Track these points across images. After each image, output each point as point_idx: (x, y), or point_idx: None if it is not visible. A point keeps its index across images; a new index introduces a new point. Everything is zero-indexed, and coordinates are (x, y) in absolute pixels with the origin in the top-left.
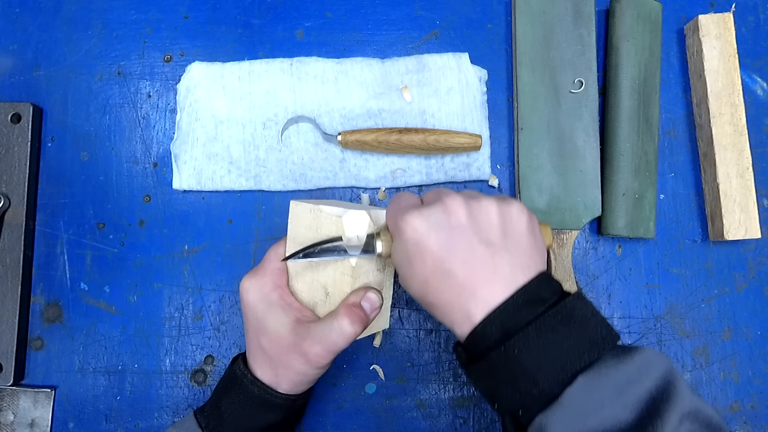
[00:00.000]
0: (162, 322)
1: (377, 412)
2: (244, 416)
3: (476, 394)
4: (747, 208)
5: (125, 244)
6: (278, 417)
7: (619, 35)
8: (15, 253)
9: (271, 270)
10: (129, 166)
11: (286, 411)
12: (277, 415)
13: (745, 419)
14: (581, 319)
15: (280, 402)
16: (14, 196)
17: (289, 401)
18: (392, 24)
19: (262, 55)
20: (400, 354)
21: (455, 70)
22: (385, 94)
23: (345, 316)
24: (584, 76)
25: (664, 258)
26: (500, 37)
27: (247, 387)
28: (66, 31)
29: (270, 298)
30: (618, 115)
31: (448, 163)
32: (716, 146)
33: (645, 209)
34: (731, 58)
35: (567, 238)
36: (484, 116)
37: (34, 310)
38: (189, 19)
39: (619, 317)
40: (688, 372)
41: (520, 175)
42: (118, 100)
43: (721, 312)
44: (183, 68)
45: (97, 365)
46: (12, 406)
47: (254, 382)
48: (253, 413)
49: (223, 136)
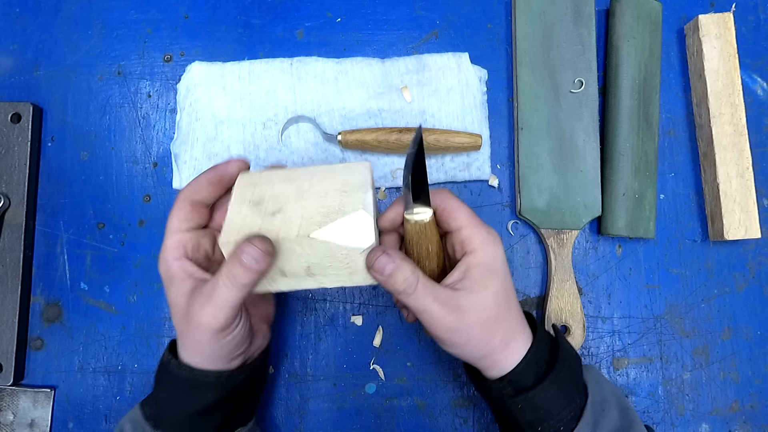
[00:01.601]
0: (162, 322)
1: (377, 412)
2: (178, 401)
3: (476, 394)
4: (747, 208)
5: (125, 244)
6: (214, 396)
7: (619, 35)
8: (15, 253)
9: (169, 245)
10: (129, 166)
11: (221, 389)
12: (212, 395)
13: (745, 419)
14: (565, 340)
15: (210, 381)
16: (14, 196)
17: (221, 378)
18: (392, 24)
19: (262, 55)
20: (400, 354)
21: (455, 70)
22: (385, 94)
23: (227, 266)
24: (584, 76)
25: (664, 258)
26: (500, 37)
27: (173, 372)
28: (66, 31)
29: (170, 272)
30: (618, 115)
31: (448, 162)
32: (716, 146)
33: (645, 209)
34: (731, 58)
35: (567, 238)
36: (484, 116)
37: (34, 310)
38: (189, 19)
39: (619, 317)
40: (688, 372)
41: (520, 175)
42: (118, 100)
43: (721, 312)
44: (183, 68)
45: (97, 365)
46: (12, 406)
47: (179, 365)
48: (186, 396)
49: (223, 136)
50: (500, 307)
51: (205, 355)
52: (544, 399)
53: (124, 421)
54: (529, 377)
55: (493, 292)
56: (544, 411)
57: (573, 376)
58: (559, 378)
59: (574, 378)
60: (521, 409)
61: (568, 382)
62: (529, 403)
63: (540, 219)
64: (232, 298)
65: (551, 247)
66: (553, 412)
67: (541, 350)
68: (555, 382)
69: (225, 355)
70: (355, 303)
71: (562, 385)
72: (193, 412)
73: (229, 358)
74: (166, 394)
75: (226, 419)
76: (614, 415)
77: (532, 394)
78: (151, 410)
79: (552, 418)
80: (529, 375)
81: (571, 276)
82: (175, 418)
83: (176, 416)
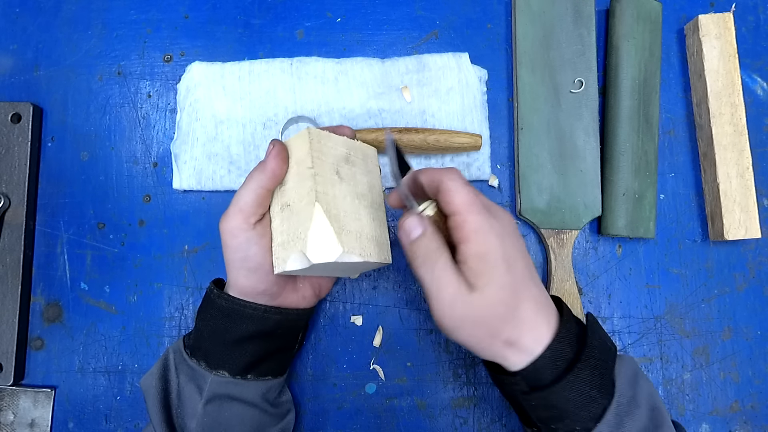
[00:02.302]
0: (162, 322)
1: (377, 412)
2: (217, 330)
3: (476, 394)
4: (747, 208)
5: (125, 244)
6: (248, 328)
7: (619, 35)
8: (15, 253)
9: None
10: (129, 166)
11: (256, 322)
12: (246, 326)
13: (745, 419)
14: (600, 336)
15: (249, 312)
16: (14, 196)
17: (258, 311)
18: (392, 24)
19: (262, 55)
20: (400, 354)
21: (455, 70)
22: (385, 94)
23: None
24: (584, 76)
25: (664, 258)
26: (500, 37)
27: (214, 301)
28: (66, 31)
29: (235, 236)
30: (618, 115)
31: (448, 162)
32: (716, 146)
33: (645, 209)
34: (731, 58)
35: (567, 238)
36: (484, 116)
37: (34, 310)
38: (189, 19)
39: (619, 317)
40: (689, 372)
41: (520, 175)
42: (118, 100)
43: (721, 312)
44: (183, 68)
45: (97, 365)
46: (12, 406)
47: (220, 295)
48: (222, 326)
49: (223, 136)
50: (505, 305)
51: (242, 274)
52: (560, 399)
53: (169, 349)
54: (546, 375)
55: (495, 289)
56: (559, 410)
57: (598, 375)
58: (579, 378)
59: (598, 376)
60: (534, 406)
61: (591, 381)
62: (543, 402)
63: (540, 219)
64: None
65: (551, 247)
66: (569, 412)
67: (561, 347)
68: (574, 382)
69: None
70: (355, 303)
71: (583, 385)
72: (227, 341)
73: (264, 285)
74: (205, 324)
75: (256, 359)
76: (642, 416)
77: (546, 393)
78: (189, 340)
79: (568, 417)
80: (545, 373)
81: (571, 276)
82: (211, 346)
83: (212, 345)
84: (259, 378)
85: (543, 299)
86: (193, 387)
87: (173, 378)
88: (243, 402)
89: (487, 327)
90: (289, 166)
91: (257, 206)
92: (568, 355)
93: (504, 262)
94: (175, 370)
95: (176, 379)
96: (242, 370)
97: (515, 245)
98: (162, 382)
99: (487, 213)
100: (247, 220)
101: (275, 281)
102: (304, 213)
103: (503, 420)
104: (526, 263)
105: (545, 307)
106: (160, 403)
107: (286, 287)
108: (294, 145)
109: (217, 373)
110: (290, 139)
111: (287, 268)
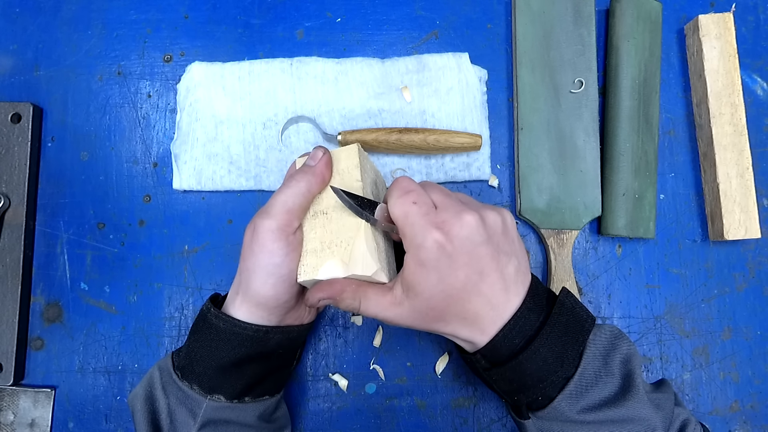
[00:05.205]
0: (162, 322)
1: (377, 412)
2: (210, 352)
3: (476, 394)
4: (747, 208)
5: (125, 244)
6: (247, 351)
7: (619, 35)
8: (15, 253)
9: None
10: (129, 166)
11: (256, 344)
12: (245, 349)
13: (745, 419)
14: (572, 310)
15: (248, 333)
16: (14, 196)
17: (259, 333)
18: (392, 24)
19: (262, 55)
20: (400, 354)
21: (455, 70)
22: (385, 94)
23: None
24: (584, 76)
25: (664, 258)
26: (500, 37)
27: (211, 321)
28: (66, 31)
29: (289, 240)
30: (618, 115)
31: (448, 163)
32: (716, 146)
33: (645, 209)
34: (731, 58)
35: (567, 238)
36: (484, 116)
37: (34, 310)
38: (189, 19)
39: (619, 317)
40: (688, 372)
41: (520, 175)
42: (118, 100)
43: (721, 312)
44: (183, 68)
45: (97, 365)
46: (12, 406)
47: (218, 316)
48: (219, 347)
49: (223, 136)
50: (439, 311)
51: (270, 282)
52: (516, 373)
53: (155, 366)
54: (503, 352)
55: (424, 298)
56: (518, 383)
57: (559, 348)
58: (538, 354)
59: (559, 349)
60: (496, 380)
61: (551, 355)
62: (502, 377)
63: (540, 219)
64: (291, 201)
65: (551, 247)
66: (528, 385)
67: (519, 326)
68: (531, 358)
69: (279, 286)
70: None
71: (540, 360)
72: (222, 365)
73: (287, 296)
74: (199, 345)
75: (252, 383)
76: (612, 384)
77: (503, 369)
78: (180, 360)
79: (527, 389)
80: (502, 350)
81: (571, 276)
82: (204, 369)
83: (205, 368)
84: (257, 399)
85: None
86: (185, 411)
87: (161, 398)
88: (240, 425)
89: (428, 323)
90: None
91: (303, 210)
92: (529, 332)
93: (440, 265)
94: (162, 390)
95: (165, 400)
96: (239, 394)
97: (464, 248)
98: (148, 403)
99: (424, 222)
100: (291, 224)
101: (296, 293)
102: (348, 223)
103: (503, 420)
104: (479, 264)
105: (501, 288)
106: (150, 424)
107: (299, 300)
108: (339, 156)
109: (212, 398)
110: (336, 150)
111: (318, 276)
